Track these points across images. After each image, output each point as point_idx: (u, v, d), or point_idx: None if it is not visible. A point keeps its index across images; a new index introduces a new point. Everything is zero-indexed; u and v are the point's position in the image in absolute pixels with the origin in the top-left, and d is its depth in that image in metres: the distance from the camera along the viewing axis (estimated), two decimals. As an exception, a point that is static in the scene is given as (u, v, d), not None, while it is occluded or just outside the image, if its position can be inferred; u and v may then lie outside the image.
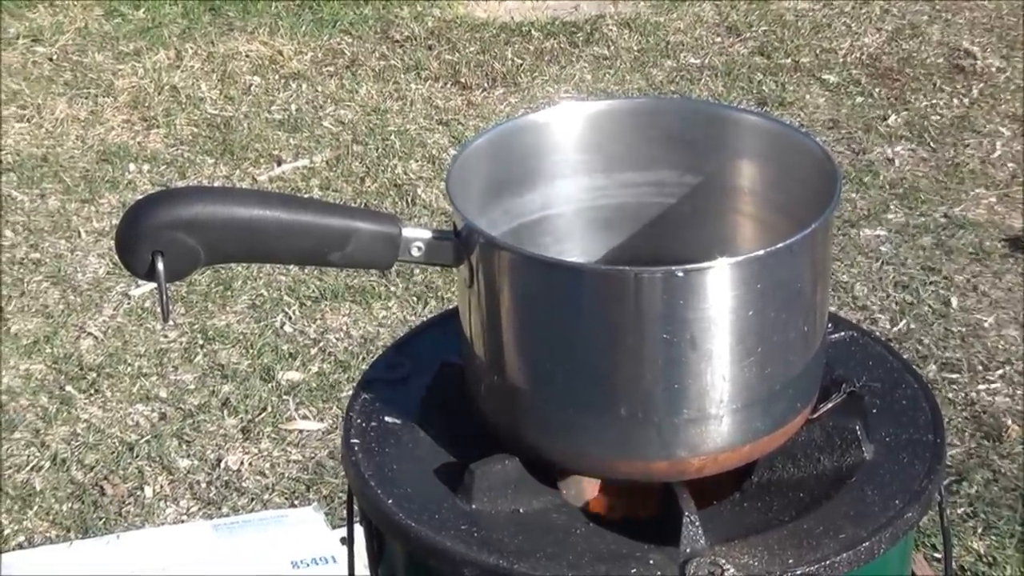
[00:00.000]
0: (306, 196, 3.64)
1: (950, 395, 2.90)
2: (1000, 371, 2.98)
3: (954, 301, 3.21)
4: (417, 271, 3.31)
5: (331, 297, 3.26)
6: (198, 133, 4.03)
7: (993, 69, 4.29)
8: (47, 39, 4.61)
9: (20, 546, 2.62)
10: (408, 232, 1.36)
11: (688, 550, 1.29)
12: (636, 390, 1.30)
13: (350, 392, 1.54)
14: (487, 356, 1.36)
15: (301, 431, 2.87)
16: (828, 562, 1.30)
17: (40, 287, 3.36)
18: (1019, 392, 2.91)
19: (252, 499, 2.71)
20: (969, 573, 2.50)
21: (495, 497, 1.36)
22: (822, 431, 1.41)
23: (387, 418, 1.47)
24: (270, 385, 2.99)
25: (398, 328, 3.12)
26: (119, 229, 1.32)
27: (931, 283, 3.27)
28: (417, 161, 3.84)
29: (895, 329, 3.11)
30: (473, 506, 1.35)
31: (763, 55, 4.41)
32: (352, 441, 1.44)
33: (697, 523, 1.31)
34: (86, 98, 4.25)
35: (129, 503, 2.71)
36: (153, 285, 1.31)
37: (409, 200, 3.65)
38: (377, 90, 4.25)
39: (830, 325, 1.42)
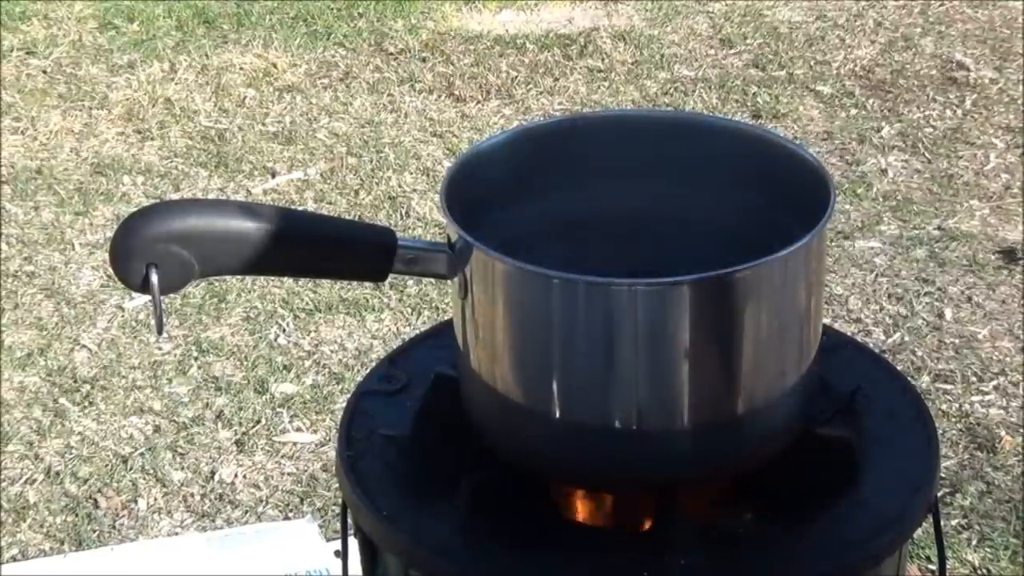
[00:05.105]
0: (300, 209, 3.64)
1: (944, 407, 2.90)
2: (994, 382, 2.98)
3: (948, 313, 3.21)
4: (411, 283, 3.31)
5: (325, 309, 3.26)
6: (192, 145, 4.03)
7: (986, 80, 4.30)
8: (41, 52, 4.61)
9: (14, 559, 2.61)
10: (402, 244, 1.36)
11: (683, 560, 1.29)
12: (630, 401, 1.30)
13: (344, 404, 1.54)
14: (481, 367, 1.36)
15: (295, 443, 2.87)
16: (822, 573, 1.30)
17: (34, 299, 3.36)
18: (1013, 404, 2.91)
19: (246, 512, 2.71)
20: (964, 585, 2.50)
21: (489, 509, 1.36)
22: (816, 442, 1.41)
23: (381, 430, 1.48)
24: (264, 397, 2.99)
25: (392, 340, 3.12)
26: (113, 242, 1.32)
27: (925, 295, 3.28)
28: (411, 173, 3.84)
29: (889, 341, 3.11)
30: (467, 518, 1.35)
31: (757, 67, 4.41)
32: (346, 453, 1.44)
33: (691, 533, 1.31)
34: (80, 110, 4.25)
35: (123, 516, 2.71)
36: (147, 298, 1.31)
37: (403, 212, 3.65)
38: (371, 102, 4.25)
39: (824, 337, 1.42)
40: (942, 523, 1.56)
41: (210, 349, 3.14)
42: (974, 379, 2.99)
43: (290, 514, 2.69)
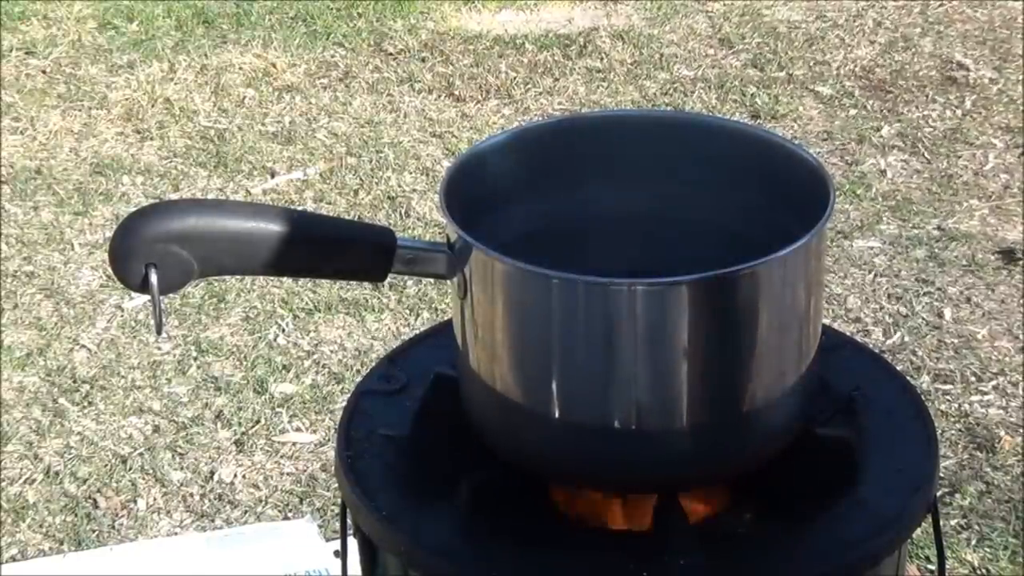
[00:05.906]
0: (300, 208, 3.64)
1: (943, 407, 2.90)
2: (993, 382, 2.98)
3: (947, 313, 3.21)
4: (411, 283, 3.31)
5: (325, 309, 3.26)
6: (192, 145, 4.03)
7: (986, 80, 4.30)
8: (41, 52, 4.61)
9: (13, 559, 2.61)
10: (401, 244, 1.36)
11: (682, 561, 1.29)
12: (629, 402, 1.30)
13: (343, 404, 1.54)
14: (481, 367, 1.36)
15: (294, 443, 2.87)
16: (822, 573, 1.30)
17: (33, 299, 3.36)
18: (1012, 404, 2.91)
19: (245, 512, 2.71)
20: (963, 585, 2.50)
21: (489, 509, 1.36)
22: (815, 442, 1.41)
23: (381, 430, 1.47)
24: (263, 397, 2.99)
25: (392, 340, 3.12)
26: (112, 242, 1.32)
27: (924, 295, 3.28)
28: (411, 173, 3.84)
29: (889, 341, 3.11)
30: (467, 518, 1.35)
31: (756, 67, 4.41)
32: (345, 453, 1.44)
33: (691, 534, 1.31)
34: (79, 110, 4.25)
35: (122, 516, 2.71)
36: (146, 298, 1.31)
37: (403, 212, 3.65)
38: (371, 102, 4.25)
39: (824, 337, 1.42)
40: (941, 523, 1.56)
41: (209, 349, 3.14)
42: (973, 379, 2.99)
43: (289, 514, 2.69)
